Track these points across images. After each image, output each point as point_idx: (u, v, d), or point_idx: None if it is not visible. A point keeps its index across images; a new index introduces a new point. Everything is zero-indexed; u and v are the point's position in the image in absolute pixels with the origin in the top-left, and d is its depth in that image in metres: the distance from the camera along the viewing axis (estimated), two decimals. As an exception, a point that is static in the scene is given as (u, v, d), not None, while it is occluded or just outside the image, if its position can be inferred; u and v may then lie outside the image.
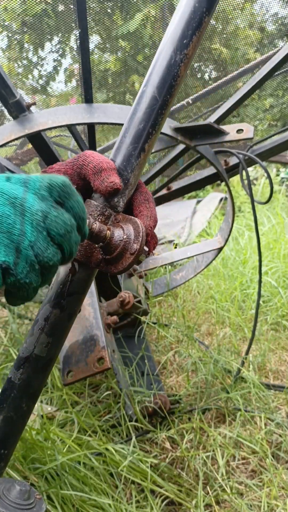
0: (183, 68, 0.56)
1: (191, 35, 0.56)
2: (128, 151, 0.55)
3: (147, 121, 0.55)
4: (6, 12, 1.33)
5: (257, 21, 1.60)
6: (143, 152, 0.56)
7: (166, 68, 0.55)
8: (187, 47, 0.55)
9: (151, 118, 0.55)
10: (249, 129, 1.30)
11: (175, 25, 0.56)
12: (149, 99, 0.55)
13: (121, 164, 0.55)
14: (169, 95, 0.56)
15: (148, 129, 0.55)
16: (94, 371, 1.03)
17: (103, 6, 1.44)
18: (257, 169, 5.48)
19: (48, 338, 0.55)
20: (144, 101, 0.56)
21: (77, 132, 1.38)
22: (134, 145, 0.55)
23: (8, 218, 0.41)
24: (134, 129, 0.55)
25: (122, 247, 0.53)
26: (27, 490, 0.54)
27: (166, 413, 1.33)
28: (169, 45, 0.56)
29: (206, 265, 2.20)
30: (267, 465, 1.21)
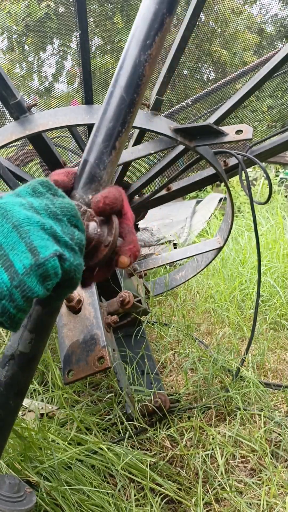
0: (148, 68, 0.57)
1: (154, 35, 0.57)
2: (100, 149, 0.56)
3: (117, 120, 0.57)
4: (9, 16, 1.34)
5: (257, 22, 1.61)
6: (114, 149, 0.57)
7: (132, 68, 0.57)
8: (150, 48, 0.57)
9: (120, 117, 0.57)
10: (248, 130, 1.31)
11: (138, 26, 0.58)
12: (118, 99, 0.57)
13: (94, 162, 0.56)
14: (136, 94, 0.57)
15: (118, 127, 0.57)
16: (95, 370, 1.04)
17: (103, 8, 1.45)
18: (257, 170, 5.49)
19: (31, 335, 0.55)
20: (113, 101, 0.57)
21: (77, 133, 1.39)
22: (105, 143, 0.56)
23: (33, 217, 0.44)
24: (104, 128, 0.57)
25: (96, 240, 0.54)
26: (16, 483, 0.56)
27: (166, 412, 1.33)
28: (134, 46, 0.57)
29: (206, 265, 2.21)
30: (266, 463, 1.22)
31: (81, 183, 0.56)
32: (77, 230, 0.48)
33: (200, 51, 1.67)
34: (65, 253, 0.45)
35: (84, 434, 1.22)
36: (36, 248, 0.43)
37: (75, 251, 0.47)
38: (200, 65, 1.80)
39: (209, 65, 1.78)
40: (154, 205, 2.09)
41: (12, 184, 1.46)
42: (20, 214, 0.44)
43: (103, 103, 0.58)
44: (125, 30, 1.53)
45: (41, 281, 0.43)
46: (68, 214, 0.48)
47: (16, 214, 0.44)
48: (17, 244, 0.42)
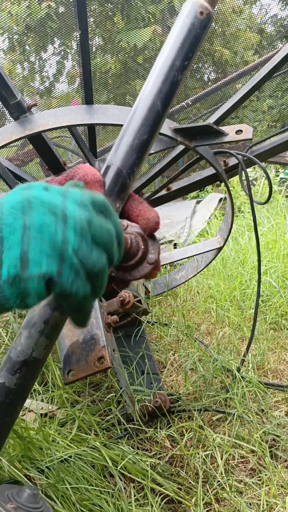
0: (180, 82, 0.60)
1: (191, 58, 0.60)
2: (133, 161, 0.57)
3: (150, 133, 0.57)
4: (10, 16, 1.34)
5: (257, 22, 1.61)
6: (143, 161, 0.58)
7: (165, 78, 0.59)
8: (185, 69, 0.60)
9: (153, 129, 0.58)
10: (248, 130, 1.31)
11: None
12: (154, 113, 0.57)
13: (126, 172, 0.56)
14: (167, 104, 0.59)
15: (149, 139, 0.58)
16: (95, 370, 1.04)
17: (103, 8, 1.45)
18: (257, 170, 5.49)
19: (47, 341, 0.54)
20: (150, 113, 0.58)
21: (77, 133, 1.39)
22: (138, 155, 0.57)
23: (50, 227, 0.41)
24: (138, 140, 0.57)
25: (140, 256, 0.55)
26: (35, 494, 0.56)
27: (166, 412, 1.33)
28: (171, 60, 0.59)
29: (206, 265, 2.21)
30: (266, 463, 1.22)
31: (113, 192, 0.56)
32: (98, 252, 0.44)
33: (200, 51, 1.67)
34: (63, 275, 0.41)
35: (84, 433, 1.22)
36: (28, 261, 0.40)
37: (79, 275, 0.42)
38: (201, 65, 1.80)
39: (209, 65, 1.78)
40: (154, 205, 2.09)
41: (12, 184, 1.46)
42: (38, 218, 0.41)
43: (137, 114, 0.58)
44: (125, 30, 1.53)
45: (20, 295, 0.40)
46: (98, 235, 0.44)
47: (35, 215, 0.41)
48: (14, 247, 0.40)
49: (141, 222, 0.57)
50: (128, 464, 1.12)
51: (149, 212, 0.58)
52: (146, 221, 0.57)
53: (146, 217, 0.57)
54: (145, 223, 0.57)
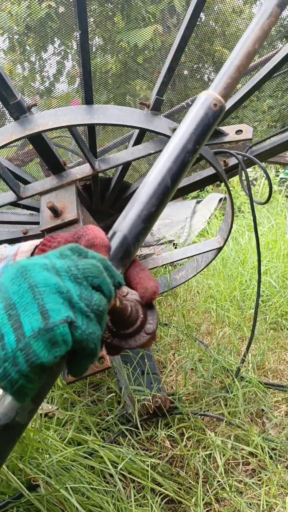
0: (189, 164, 0.63)
1: (201, 142, 0.63)
2: (139, 230, 0.59)
3: (158, 205, 0.60)
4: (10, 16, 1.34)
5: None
6: (148, 230, 0.60)
7: (176, 159, 0.62)
8: (195, 152, 0.63)
9: (161, 201, 0.60)
10: (248, 130, 1.31)
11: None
12: (163, 188, 0.60)
13: (131, 240, 0.58)
14: (176, 180, 0.62)
15: (157, 211, 0.60)
16: (95, 370, 1.04)
17: (103, 9, 1.45)
18: (257, 170, 5.49)
19: (32, 405, 0.50)
20: (159, 188, 0.61)
21: (77, 133, 1.39)
22: (145, 225, 0.60)
23: (52, 279, 0.43)
24: (146, 210, 0.59)
25: (139, 325, 0.55)
26: None
27: (166, 412, 1.33)
28: (184, 142, 0.62)
29: (206, 265, 2.21)
30: (266, 464, 1.22)
31: (116, 258, 0.57)
32: (98, 293, 0.46)
33: (200, 51, 1.67)
34: (78, 320, 0.43)
35: (83, 434, 1.22)
36: (47, 312, 0.41)
37: (90, 318, 0.44)
38: (201, 65, 1.80)
39: (209, 65, 1.78)
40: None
41: (12, 184, 1.46)
42: (38, 275, 0.43)
43: (147, 186, 0.61)
44: (126, 30, 1.53)
45: (49, 347, 0.40)
46: (90, 275, 0.46)
47: (35, 275, 0.43)
48: (30, 305, 0.41)
49: (140, 290, 0.58)
50: (128, 465, 1.12)
51: (149, 282, 0.58)
52: (144, 290, 0.57)
53: (145, 286, 0.58)
54: (143, 292, 0.57)
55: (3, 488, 1.03)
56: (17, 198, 1.48)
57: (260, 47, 0.68)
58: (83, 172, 1.44)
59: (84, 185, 1.71)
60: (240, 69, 0.66)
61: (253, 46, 0.67)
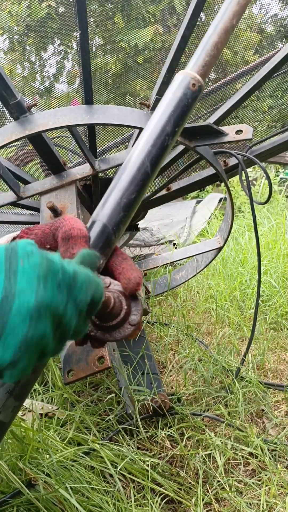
0: (168, 148, 0.61)
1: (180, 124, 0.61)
2: (120, 218, 0.57)
3: (138, 192, 0.58)
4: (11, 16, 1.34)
5: (257, 22, 1.61)
6: (129, 219, 0.58)
7: (154, 142, 0.59)
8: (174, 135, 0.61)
9: (141, 188, 0.58)
10: (248, 130, 1.31)
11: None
12: (142, 173, 0.58)
13: (112, 229, 0.56)
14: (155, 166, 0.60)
15: (137, 198, 0.58)
16: (95, 370, 1.04)
17: (104, 8, 1.45)
18: (257, 170, 5.49)
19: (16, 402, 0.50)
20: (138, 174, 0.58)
21: (77, 133, 1.39)
22: (125, 213, 0.57)
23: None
24: (126, 198, 0.57)
25: (122, 317, 0.53)
26: None
27: (166, 412, 1.33)
28: (162, 125, 0.60)
29: (206, 265, 2.21)
30: (266, 464, 1.22)
31: (96, 248, 0.55)
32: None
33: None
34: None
35: (84, 434, 1.22)
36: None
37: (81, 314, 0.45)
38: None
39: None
40: (154, 205, 2.09)
41: (12, 184, 1.46)
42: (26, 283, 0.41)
43: (126, 172, 0.58)
44: (126, 30, 1.53)
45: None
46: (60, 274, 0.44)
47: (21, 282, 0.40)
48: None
49: (123, 281, 0.55)
50: (128, 465, 1.12)
51: (132, 272, 0.56)
52: (127, 281, 0.55)
53: (128, 276, 0.55)
54: (126, 283, 0.55)
55: (3, 488, 1.03)
56: (17, 198, 1.48)
57: (237, 22, 0.64)
58: (83, 172, 1.44)
59: (84, 185, 1.71)
60: (218, 46, 0.63)
61: (231, 21, 0.64)
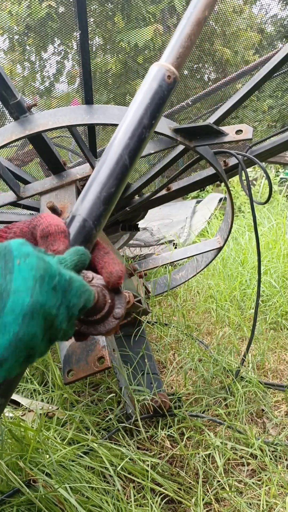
0: (146, 139, 0.61)
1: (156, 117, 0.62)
2: (100, 212, 0.57)
3: (117, 185, 0.58)
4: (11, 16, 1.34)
5: (257, 22, 1.61)
6: (109, 212, 0.58)
7: (131, 135, 0.60)
8: (151, 128, 0.61)
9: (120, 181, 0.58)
10: (248, 130, 1.31)
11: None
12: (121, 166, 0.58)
13: (92, 223, 0.56)
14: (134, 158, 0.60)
15: (117, 191, 0.58)
16: (95, 370, 1.04)
17: (104, 8, 1.45)
18: (257, 170, 5.49)
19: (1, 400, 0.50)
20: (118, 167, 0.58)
21: (77, 133, 1.39)
22: (105, 206, 0.57)
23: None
24: (106, 192, 0.57)
25: (107, 311, 0.54)
26: None
27: (166, 412, 1.33)
28: (138, 117, 0.60)
29: (206, 265, 2.21)
30: (266, 464, 1.22)
31: (77, 243, 0.55)
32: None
33: (200, 51, 1.67)
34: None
35: (83, 434, 1.22)
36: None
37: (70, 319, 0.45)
38: (201, 65, 1.80)
39: (209, 65, 1.78)
40: (154, 205, 2.09)
41: (12, 184, 1.46)
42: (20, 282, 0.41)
43: (105, 166, 0.58)
44: (126, 30, 1.53)
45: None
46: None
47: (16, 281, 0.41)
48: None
49: (105, 275, 0.55)
50: (127, 465, 1.12)
51: (113, 266, 0.56)
52: (109, 275, 0.55)
53: (109, 270, 0.55)
54: (108, 277, 0.55)
55: (3, 488, 1.03)
56: (17, 198, 1.48)
57: (210, 14, 0.65)
58: (83, 172, 1.44)
59: (84, 185, 1.71)
60: (192, 37, 0.64)
61: (203, 13, 0.65)
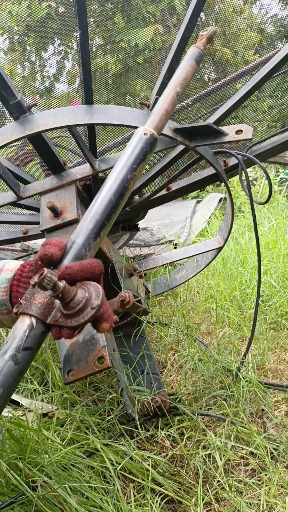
0: (132, 183, 0.77)
1: (138, 164, 0.78)
2: (88, 235, 0.70)
3: (105, 215, 0.72)
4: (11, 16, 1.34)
5: (257, 22, 1.61)
6: (99, 237, 0.72)
7: (120, 181, 0.75)
8: (135, 171, 0.77)
9: (107, 213, 0.73)
10: (248, 130, 1.31)
11: (128, 155, 0.78)
12: (107, 201, 0.73)
13: (82, 244, 0.70)
14: (121, 200, 0.75)
15: (105, 221, 0.72)
16: (95, 370, 1.04)
17: (104, 8, 1.45)
18: (257, 170, 5.49)
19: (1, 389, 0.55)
20: (103, 201, 0.73)
21: (77, 133, 1.39)
22: (93, 231, 0.71)
23: None
24: (94, 219, 0.72)
25: (84, 303, 0.61)
26: None
27: (166, 412, 1.33)
28: (124, 167, 0.77)
29: (206, 265, 2.21)
30: (266, 464, 1.22)
31: (67, 260, 0.68)
32: None
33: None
34: None
35: (84, 434, 1.22)
36: None
37: None
38: (201, 65, 1.79)
39: (209, 65, 1.78)
40: (154, 205, 2.09)
41: (12, 184, 1.46)
42: None
43: (94, 199, 0.74)
44: (126, 30, 1.53)
45: None
46: None
47: None
48: None
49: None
50: (128, 464, 1.12)
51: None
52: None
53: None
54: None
55: (2, 489, 1.03)
56: (17, 198, 1.48)
57: (183, 90, 0.88)
58: (83, 172, 1.44)
59: (84, 185, 1.71)
60: (168, 110, 0.85)
61: (175, 89, 0.89)
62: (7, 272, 0.75)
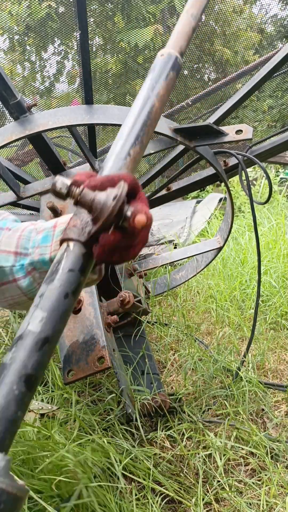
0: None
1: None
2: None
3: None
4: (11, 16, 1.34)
5: (257, 22, 1.61)
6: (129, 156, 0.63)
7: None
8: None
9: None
10: (248, 130, 1.31)
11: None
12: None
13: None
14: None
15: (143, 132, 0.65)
16: (95, 370, 1.04)
17: (104, 8, 1.45)
18: (257, 170, 5.49)
19: (43, 313, 0.52)
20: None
21: (77, 133, 1.39)
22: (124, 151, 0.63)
23: None
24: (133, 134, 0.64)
25: (105, 199, 0.55)
26: None
27: (166, 412, 1.33)
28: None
29: (206, 265, 2.21)
30: (266, 464, 1.22)
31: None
32: None
33: (200, 51, 1.67)
34: None
35: (85, 433, 1.22)
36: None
37: None
38: (201, 65, 1.80)
39: (209, 65, 1.78)
40: (154, 205, 2.09)
41: (12, 184, 1.46)
42: None
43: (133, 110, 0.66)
44: (126, 30, 1.53)
45: None
46: None
47: None
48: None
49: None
50: (129, 464, 1.12)
51: None
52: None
53: None
54: None
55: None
56: (17, 198, 1.48)
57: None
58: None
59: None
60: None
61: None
62: (61, 225, 0.73)
